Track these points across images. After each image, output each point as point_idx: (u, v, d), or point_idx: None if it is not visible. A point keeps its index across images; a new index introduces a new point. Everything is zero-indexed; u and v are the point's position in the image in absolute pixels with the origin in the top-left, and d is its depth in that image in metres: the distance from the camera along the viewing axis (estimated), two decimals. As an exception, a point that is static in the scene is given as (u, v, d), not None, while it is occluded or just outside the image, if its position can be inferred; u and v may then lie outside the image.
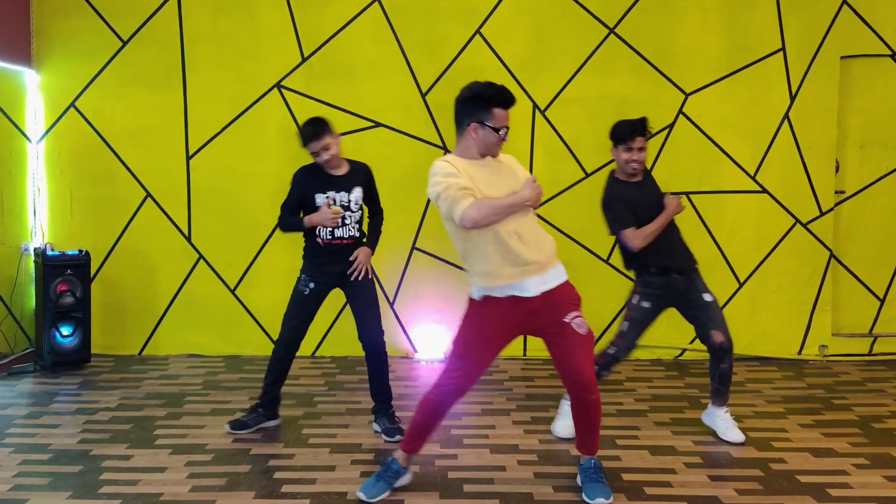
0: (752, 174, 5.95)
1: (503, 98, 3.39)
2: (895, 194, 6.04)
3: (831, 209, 5.95)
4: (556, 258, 3.51)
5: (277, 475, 3.74)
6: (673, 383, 5.41)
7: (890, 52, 5.91)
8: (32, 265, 5.79)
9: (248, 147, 5.91)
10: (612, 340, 4.34)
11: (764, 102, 5.90)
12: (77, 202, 5.97)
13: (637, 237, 4.13)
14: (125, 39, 5.90)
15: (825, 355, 5.99)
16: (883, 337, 6.05)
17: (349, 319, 4.35)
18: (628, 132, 4.10)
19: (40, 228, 5.97)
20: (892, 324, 6.11)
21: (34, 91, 5.92)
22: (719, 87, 5.89)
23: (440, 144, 5.91)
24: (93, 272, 5.86)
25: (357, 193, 4.25)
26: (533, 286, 3.39)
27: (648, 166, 5.75)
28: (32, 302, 5.81)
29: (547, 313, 3.43)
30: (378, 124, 5.91)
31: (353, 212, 4.24)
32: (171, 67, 5.90)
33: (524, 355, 5.96)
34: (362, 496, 3.47)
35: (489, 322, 3.44)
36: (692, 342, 5.92)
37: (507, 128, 3.42)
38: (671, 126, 5.90)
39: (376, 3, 5.87)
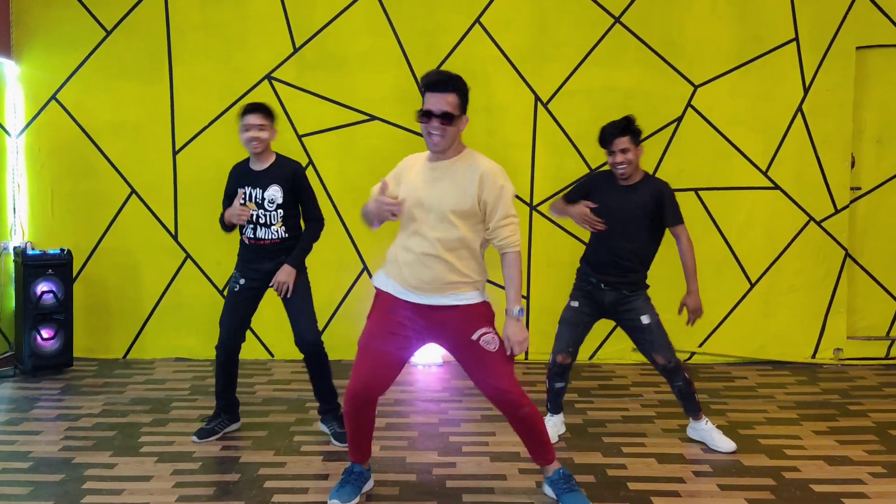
0: (764, 170, 5.85)
1: (427, 80, 3.21)
2: (913, 191, 5.97)
3: (846, 206, 5.86)
4: (455, 289, 3.26)
5: (268, 484, 3.66)
6: (682, 388, 5.27)
7: (907, 43, 5.82)
8: (12, 265, 5.72)
9: (238, 141, 5.70)
10: None
11: (776, 95, 5.80)
12: (58, 199, 5.89)
13: (553, 204, 4.30)
14: (109, 29, 5.82)
15: (840, 359, 5.91)
16: (900, 340, 5.99)
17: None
18: (607, 135, 4.04)
19: (20, 226, 5.89)
20: (910, 326, 6.04)
21: (14, 83, 5.84)
22: (730, 79, 5.80)
23: (438, 139, 5.76)
24: (75, 272, 5.79)
25: (273, 191, 4.06)
26: (414, 297, 3.30)
27: (655, 162, 5.66)
28: (12, 303, 5.73)
29: (451, 329, 3.29)
30: (373, 118, 5.82)
31: (267, 210, 4.06)
32: (157, 58, 5.82)
33: (526, 359, 5.82)
34: (337, 503, 3.41)
35: (387, 315, 3.32)
36: (701, 345, 5.88)
37: (431, 113, 3.15)
38: (679, 120, 5.81)
39: (371, -10, 5.80)
